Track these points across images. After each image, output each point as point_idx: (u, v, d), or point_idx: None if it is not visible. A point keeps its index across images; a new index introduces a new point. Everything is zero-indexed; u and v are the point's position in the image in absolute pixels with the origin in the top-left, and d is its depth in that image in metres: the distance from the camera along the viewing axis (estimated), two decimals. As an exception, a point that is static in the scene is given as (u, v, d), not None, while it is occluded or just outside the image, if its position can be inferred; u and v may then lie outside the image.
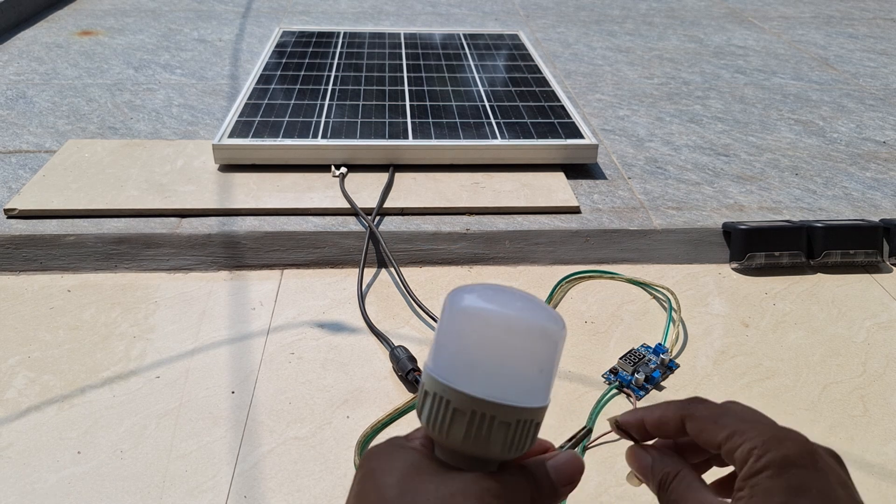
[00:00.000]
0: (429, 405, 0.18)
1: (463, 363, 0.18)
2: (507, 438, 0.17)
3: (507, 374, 0.17)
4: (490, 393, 0.17)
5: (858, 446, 0.40)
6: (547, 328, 0.18)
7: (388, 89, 0.82)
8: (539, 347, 0.18)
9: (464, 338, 0.18)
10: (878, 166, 0.74)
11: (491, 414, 0.17)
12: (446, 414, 0.17)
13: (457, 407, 0.17)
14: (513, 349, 0.18)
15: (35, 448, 0.39)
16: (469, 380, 0.17)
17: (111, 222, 0.59)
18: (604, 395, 0.43)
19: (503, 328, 0.18)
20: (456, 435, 0.17)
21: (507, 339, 0.18)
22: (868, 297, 0.54)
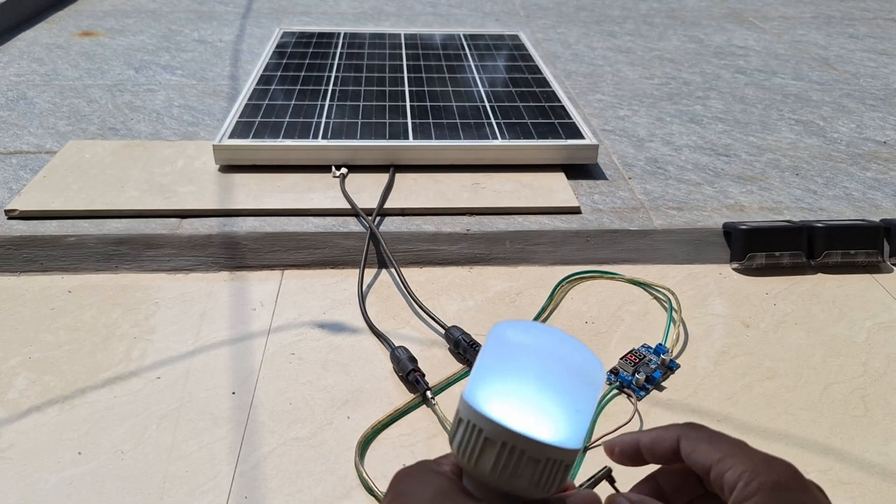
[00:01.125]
0: (461, 432, 0.18)
1: (501, 394, 0.18)
2: (534, 475, 0.17)
3: (543, 410, 0.17)
4: (524, 427, 0.17)
5: (859, 446, 0.40)
6: (591, 371, 0.18)
7: (389, 90, 0.82)
8: (580, 389, 0.18)
9: (505, 369, 0.18)
10: (878, 166, 0.74)
11: (521, 448, 0.17)
12: (477, 442, 0.17)
13: (488, 437, 0.17)
14: (554, 387, 0.18)
15: (36, 449, 0.39)
16: (505, 411, 0.17)
17: (112, 223, 0.60)
18: (604, 396, 0.43)
19: (548, 364, 0.18)
20: (484, 465, 0.17)
21: (551, 376, 0.18)
22: (869, 298, 0.54)
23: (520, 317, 0.50)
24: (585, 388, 0.18)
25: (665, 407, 0.43)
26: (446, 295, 0.53)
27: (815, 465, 0.39)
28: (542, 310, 0.51)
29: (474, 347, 0.45)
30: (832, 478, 0.38)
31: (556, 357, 0.18)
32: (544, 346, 0.18)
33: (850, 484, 0.38)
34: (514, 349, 0.18)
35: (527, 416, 0.17)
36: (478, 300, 0.52)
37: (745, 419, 0.42)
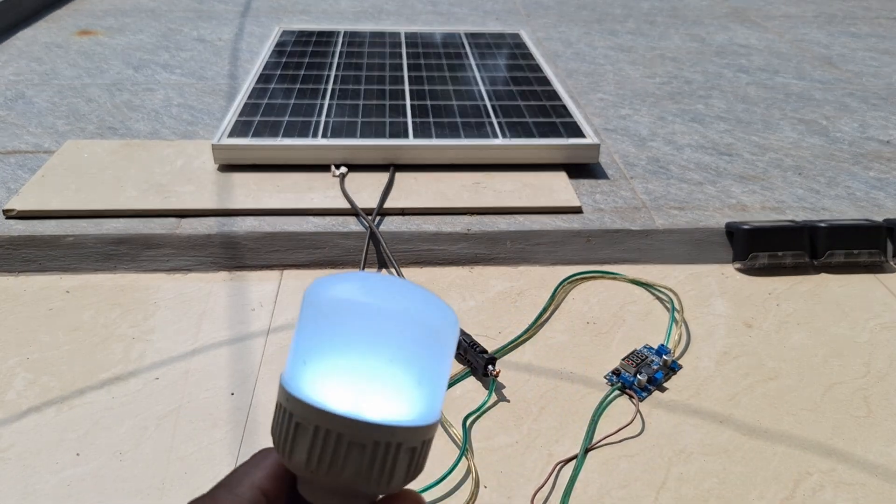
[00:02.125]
0: (275, 418, 0.15)
1: (317, 368, 0.14)
2: (361, 465, 0.14)
3: (372, 382, 0.14)
4: (338, 404, 0.13)
5: (862, 447, 0.40)
6: (437, 327, 0.14)
7: (389, 88, 0.81)
8: (423, 351, 0.14)
9: (325, 337, 0.14)
10: (881, 166, 0.74)
11: (338, 431, 0.13)
12: (289, 429, 0.14)
13: (298, 421, 0.14)
14: (388, 352, 0.14)
15: (35, 450, 0.39)
16: (318, 387, 0.14)
17: (110, 223, 0.59)
18: (606, 397, 0.43)
19: (379, 324, 0.14)
20: (299, 456, 0.14)
21: (382, 338, 0.14)
22: (871, 298, 0.53)
23: (521, 318, 0.50)
24: (428, 349, 0.14)
25: (667, 408, 0.43)
26: (447, 295, 0.53)
27: (817, 466, 0.39)
28: (543, 310, 0.50)
29: (475, 348, 0.45)
30: (835, 479, 0.38)
31: (390, 313, 0.14)
32: (374, 301, 0.14)
33: (852, 485, 0.38)
34: (335, 311, 0.14)
35: (347, 391, 0.14)
36: (478, 300, 0.52)
37: (747, 420, 0.42)
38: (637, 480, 0.38)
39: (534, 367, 0.46)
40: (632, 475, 0.38)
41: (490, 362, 0.43)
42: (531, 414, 0.42)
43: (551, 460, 0.39)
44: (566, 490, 0.37)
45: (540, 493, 0.37)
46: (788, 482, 0.38)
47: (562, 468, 0.38)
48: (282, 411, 0.14)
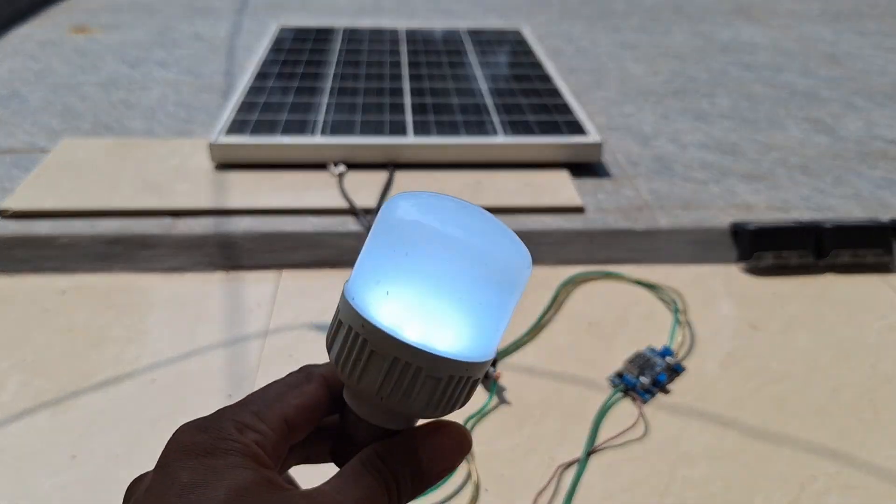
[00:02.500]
0: (341, 340, 0.14)
1: (391, 293, 0.14)
2: (433, 396, 0.14)
3: (444, 315, 0.14)
4: (421, 338, 0.14)
5: (868, 450, 0.39)
6: (510, 267, 0.14)
7: (389, 86, 0.81)
8: (493, 290, 0.14)
9: (399, 261, 0.14)
10: (888, 165, 0.73)
11: (417, 364, 0.14)
12: (361, 355, 0.14)
13: (375, 349, 0.14)
14: (460, 286, 0.14)
15: (29, 453, 0.38)
16: (396, 316, 0.14)
17: (106, 222, 0.59)
18: (609, 399, 0.43)
19: (455, 256, 0.13)
20: (370, 383, 0.14)
21: (457, 272, 0.14)
22: (878, 298, 0.53)
23: (522, 319, 0.49)
24: (504, 289, 0.14)
25: (671, 410, 0.42)
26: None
27: (823, 468, 0.38)
28: (545, 311, 0.50)
29: (476, 350, 0.44)
30: (840, 482, 0.38)
31: (475, 252, 0.14)
32: (460, 236, 0.14)
33: (858, 488, 0.37)
34: (411, 233, 0.14)
35: (424, 323, 0.14)
36: (479, 301, 0.51)
37: (752, 423, 0.41)
38: (640, 484, 0.37)
39: (536, 370, 0.45)
40: (635, 479, 0.37)
41: (491, 364, 0.43)
42: (533, 417, 0.41)
43: (553, 463, 0.38)
44: (568, 494, 0.36)
45: (542, 496, 0.36)
46: (794, 486, 0.37)
47: (564, 472, 0.38)
48: (353, 336, 0.14)
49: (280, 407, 0.15)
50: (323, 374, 0.16)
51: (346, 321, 0.14)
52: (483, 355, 0.15)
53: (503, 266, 0.15)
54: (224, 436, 0.14)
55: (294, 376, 0.16)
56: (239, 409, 0.15)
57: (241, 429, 0.14)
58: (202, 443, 0.13)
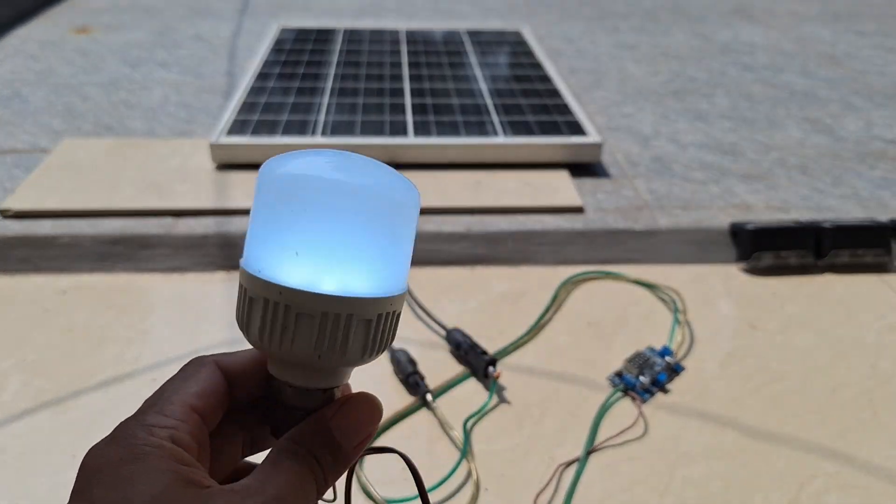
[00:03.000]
0: (259, 314, 0.14)
1: (271, 243, 0.14)
2: (312, 337, 0.14)
3: (325, 254, 0.14)
4: (283, 275, 0.13)
5: (867, 450, 0.40)
6: (392, 196, 0.14)
7: (389, 87, 0.81)
8: (378, 221, 0.14)
9: (274, 210, 0.14)
10: (886, 165, 0.73)
11: (286, 303, 0.14)
12: (244, 304, 0.14)
13: (252, 296, 0.14)
14: (365, 228, 0.14)
15: (29, 452, 0.38)
16: (272, 262, 0.14)
17: (107, 222, 0.59)
18: (608, 399, 0.43)
19: (328, 196, 0.13)
20: (253, 331, 0.14)
21: (333, 210, 0.14)
22: (877, 298, 0.53)
23: (522, 319, 0.49)
24: (389, 222, 0.14)
25: (670, 410, 0.42)
26: (447, 296, 0.52)
27: (822, 468, 0.38)
28: (545, 311, 0.50)
29: (475, 349, 0.44)
30: (839, 482, 0.38)
31: (351, 187, 0.14)
32: (334, 177, 0.14)
33: (857, 488, 0.37)
34: (292, 185, 0.14)
35: (338, 272, 0.14)
36: (479, 301, 0.52)
37: (752, 423, 0.41)
38: (640, 483, 0.37)
39: (535, 369, 0.45)
40: (635, 478, 0.38)
41: (491, 364, 0.43)
42: (532, 416, 0.41)
43: (553, 463, 0.38)
44: (568, 493, 0.36)
45: (542, 496, 0.36)
46: (793, 485, 0.37)
47: (563, 471, 0.38)
48: (273, 306, 0.14)
49: (180, 397, 0.15)
50: (214, 360, 0.16)
51: (260, 294, 0.14)
52: (400, 287, 0.15)
53: (394, 200, 0.15)
54: (135, 442, 0.13)
55: (184, 368, 0.16)
56: (141, 415, 0.15)
57: (149, 430, 0.14)
58: (114, 456, 0.13)
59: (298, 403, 0.16)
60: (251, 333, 0.15)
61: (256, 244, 0.15)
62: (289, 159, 0.15)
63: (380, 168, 0.15)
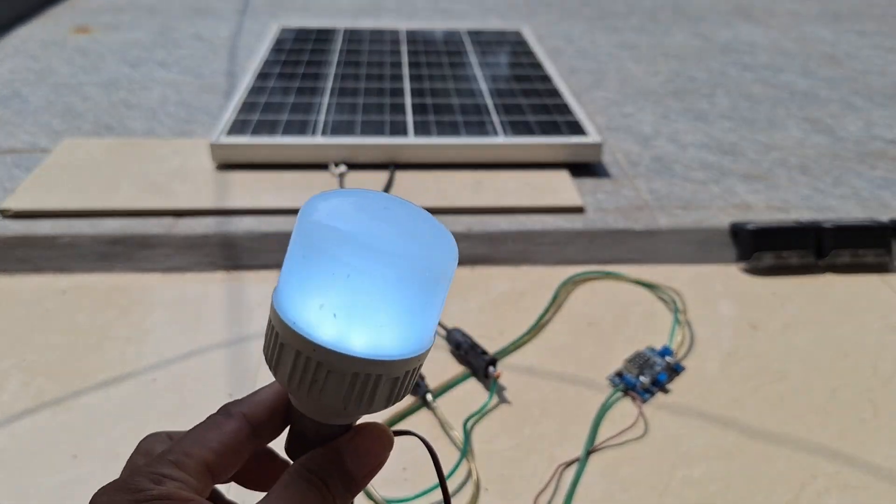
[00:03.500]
0: (290, 364, 0.14)
1: (305, 294, 0.14)
2: (341, 392, 0.14)
3: (359, 313, 0.14)
4: (321, 333, 0.14)
5: (867, 450, 0.40)
6: (429, 267, 0.14)
7: (389, 86, 0.81)
8: (427, 286, 0.14)
9: (310, 264, 0.14)
10: (887, 165, 0.73)
11: (318, 360, 0.14)
12: (275, 346, 0.14)
13: (283, 342, 0.14)
14: (398, 292, 0.14)
15: (30, 452, 0.38)
16: (306, 313, 0.14)
17: (107, 222, 0.59)
18: (608, 399, 0.43)
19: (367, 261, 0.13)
20: (282, 374, 0.14)
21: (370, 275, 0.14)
22: (877, 299, 0.53)
23: (522, 318, 0.49)
24: (423, 289, 0.14)
25: (670, 410, 0.42)
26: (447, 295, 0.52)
27: (822, 468, 0.38)
28: (545, 311, 0.50)
29: (476, 349, 0.44)
30: (840, 482, 0.38)
31: (389, 256, 0.14)
32: (372, 243, 0.14)
33: (857, 488, 0.37)
34: (330, 242, 0.14)
35: (369, 332, 0.14)
36: (480, 301, 0.51)
37: (752, 423, 0.41)
38: (640, 483, 0.37)
39: (535, 369, 0.45)
40: (635, 478, 0.38)
41: (491, 364, 0.43)
42: (533, 416, 0.41)
43: (553, 463, 0.38)
44: (568, 493, 0.36)
45: (542, 496, 0.36)
46: (793, 485, 0.37)
47: (564, 471, 0.38)
48: (304, 360, 0.15)
49: (199, 452, 0.15)
50: (243, 413, 0.16)
51: (293, 345, 0.14)
52: (426, 344, 0.16)
53: (430, 264, 0.15)
54: (142, 489, 0.14)
55: (213, 418, 0.16)
56: (156, 463, 0.15)
57: (158, 481, 0.14)
58: (121, 502, 0.13)
59: (316, 435, 0.16)
60: (280, 375, 0.15)
61: (292, 291, 0.15)
62: (330, 204, 0.15)
63: (422, 224, 0.15)
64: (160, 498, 0.13)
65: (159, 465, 0.14)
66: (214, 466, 0.15)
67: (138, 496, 0.13)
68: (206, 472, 0.15)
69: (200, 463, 0.15)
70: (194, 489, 0.14)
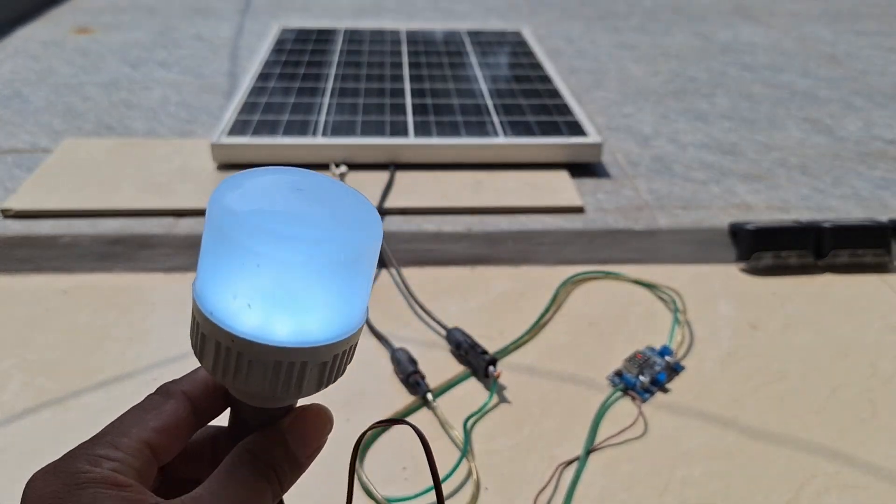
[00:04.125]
0: (212, 353, 0.14)
1: (221, 284, 0.13)
2: (265, 380, 0.14)
3: (276, 301, 0.13)
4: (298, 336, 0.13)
5: (867, 450, 0.40)
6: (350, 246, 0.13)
7: (389, 87, 0.81)
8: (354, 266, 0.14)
9: (225, 251, 0.13)
10: (887, 165, 0.73)
11: (238, 350, 0.13)
12: (197, 337, 0.14)
13: (204, 332, 0.14)
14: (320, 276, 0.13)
15: (31, 452, 0.39)
16: (223, 303, 0.13)
17: (107, 222, 0.59)
18: (608, 398, 0.43)
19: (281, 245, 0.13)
20: (206, 364, 0.14)
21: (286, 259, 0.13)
22: (877, 298, 0.53)
23: (522, 318, 0.49)
24: (345, 272, 0.13)
25: (670, 410, 0.42)
26: (447, 295, 0.52)
27: (822, 468, 0.38)
28: (545, 311, 0.50)
29: (475, 349, 0.44)
30: (839, 482, 0.38)
31: (304, 240, 0.13)
32: (287, 231, 0.13)
33: (857, 488, 0.37)
34: (242, 225, 0.13)
35: (292, 319, 0.13)
36: (480, 301, 0.52)
37: (752, 422, 0.42)
38: (640, 483, 0.37)
39: (535, 369, 0.45)
40: (634, 477, 0.38)
41: (491, 363, 0.43)
42: (533, 416, 0.41)
43: (553, 462, 0.38)
44: (568, 492, 0.36)
45: (542, 495, 0.36)
46: (793, 485, 0.37)
47: (564, 470, 0.38)
48: (225, 350, 0.14)
49: (138, 432, 0.14)
50: (183, 391, 0.16)
51: (212, 336, 0.14)
52: (357, 323, 0.15)
53: (346, 245, 0.14)
54: (77, 472, 0.13)
55: (151, 398, 0.16)
56: (92, 445, 0.14)
57: (95, 462, 0.14)
58: (55, 488, 0.13)
59: (256, 419, 0.16)
60: (205, 364, 0.15)
61: (208, 280, 0.14)
62: (242, 186, 0.14)
63: (340, 202, 0.14)
64: (96, 482, 0.13)
65: (96, 445, 0.14)
66: (156, 447, 0.14)
67: (73, 479, 0.13)
68: (148, 453, 0.14)
69: (140, 442, 0.14)
70: (135, 470, 0.14)
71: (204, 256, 0.15)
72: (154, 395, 0.16)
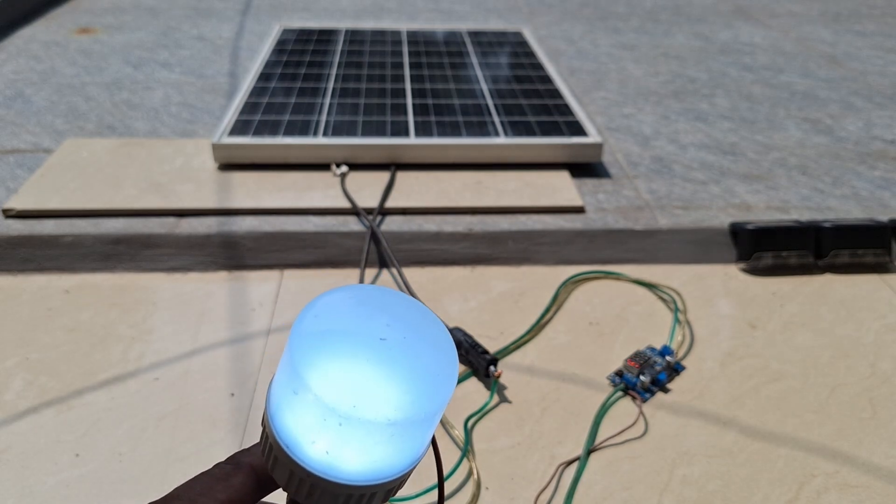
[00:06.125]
0: (286, 476, 0.14)
1: (297, 415, 0.14)
2: (386, 497, 0.15)
3: (348, 438, 0.14)
4: (368, 474, 0.14)
5: (867, 449, 0.40)
6: (427, 410, 0.14)
7: (390, 87, 0.81)
8: (422, 423, 0.14)
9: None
10: (886, 165, 0.73)
11: (311, 482, 0.14)
12: (270, 455, 0.15)
13: (277, 456, 0.14)
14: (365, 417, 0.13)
15: (33, 451, 0.39)
16: (297, 433, 0.14)
17: (109, 222, 0.59)
18: (609, 398, 0.43)
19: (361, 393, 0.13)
20: (278, 478, 0.15)
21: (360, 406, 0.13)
22: (877, 298, 0.53)
23: (523, 318, 0.50)
24: (423, 421, 0.14)
25: (670, 409, 0.43)
26: (448, 295, 0.52)
27: (822, 468, 0.39)
28: (546, 311, 0.50)
29: (476, 349, 0.44)
30: (839, 481, 0.38)
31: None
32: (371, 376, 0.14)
33: (857, 487, 0.37)
34: (326, 372, 0.13)
35: (363, 458, 0.14)
36: (480, 301, 0.52)
37: (751, 422, 0.42)
38: (640, 482, 0.37)
39: (536, 369, 0.45)
40: (635, 477, 0.38)
41: (492, 363, 0.43)
42: (533, 415, 0.42)
43: (554, 462, 0.38)
44: (569, 492, 0.37)
45: (543, 494, 0.36)
46: (793, 484, 0.38)
47: (564, 470, 0.38)
48: (265, 436, 0.15)
49: (205, 501, 0.15)
50: (251, 464, 0.16)
51: (287, 464, 0.14)
52: (420, 456, 0.16)
53: (427, 408, 0.15)
54: None
55: (221, 466, 0.16)
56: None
57: None
58: None
59: None
60: (277, 479, 0.15)
61: (288, 417, 0.14)
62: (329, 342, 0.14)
63: (424, 352, 0.14)
64: None
65: None
66: None
67: None
68: None
69: None
70: None
71: (283, 393, 0.15)
72: (224, 465, 0.16)
